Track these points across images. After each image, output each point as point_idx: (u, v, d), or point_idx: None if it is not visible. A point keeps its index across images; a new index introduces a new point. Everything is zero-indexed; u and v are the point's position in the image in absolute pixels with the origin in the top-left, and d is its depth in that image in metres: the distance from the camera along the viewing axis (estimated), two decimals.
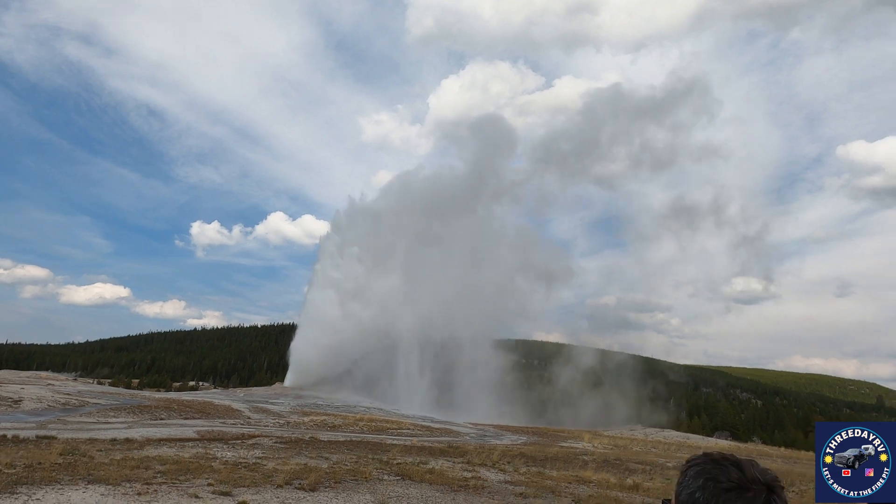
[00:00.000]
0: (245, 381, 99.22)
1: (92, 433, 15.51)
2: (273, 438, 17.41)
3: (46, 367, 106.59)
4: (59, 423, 18.31)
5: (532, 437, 32.90)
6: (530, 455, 19.16)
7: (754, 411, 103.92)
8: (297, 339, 67.64)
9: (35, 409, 22.23)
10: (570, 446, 26.78)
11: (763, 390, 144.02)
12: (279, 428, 23.48)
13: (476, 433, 32.20)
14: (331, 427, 26.02)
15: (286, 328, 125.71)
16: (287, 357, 69.11)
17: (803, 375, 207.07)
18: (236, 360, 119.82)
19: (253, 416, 28.40)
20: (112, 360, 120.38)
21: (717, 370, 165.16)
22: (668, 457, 23.95)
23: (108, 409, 24.37)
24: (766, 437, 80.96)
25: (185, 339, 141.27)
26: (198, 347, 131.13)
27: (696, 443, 38.88)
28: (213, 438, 16.33)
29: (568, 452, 22.01)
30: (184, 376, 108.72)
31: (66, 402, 24.71)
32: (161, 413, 25.23)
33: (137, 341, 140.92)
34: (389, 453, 15.61)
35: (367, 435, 23.37)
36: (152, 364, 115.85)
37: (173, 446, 13.74)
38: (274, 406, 35.88)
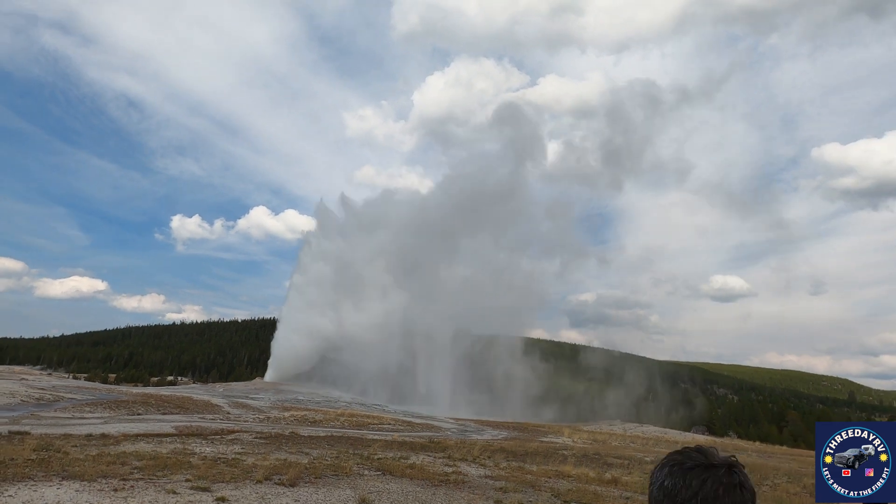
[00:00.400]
0: (225, 377, 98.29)
1: (67, 429, 15.25)
2: (253, 434, 17.28)
3: (20, 361, 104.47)
4: (32, 419, 17.96)
5: (512, 432, 33.10)
6: (511, 450, 19.28)
7: (731, 407, 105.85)
8: (278, 334, 67.18)
9: (7, 404, 21.78)
10: (551, 441, 27.00)
11: (739, 386, 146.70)
12: (259, 423, 23.30)
13: (457, 428, 32.30)
14: (311, 422, 25.90)
15: (267, 323, 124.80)
16: (268, 352, 68.66)
17: (778, 371, 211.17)
18: (216, 355, 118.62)
19: (232, 412, 28.15)
20: (89, 354, 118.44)
21: (695, 366, 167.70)
22: (646, 451, 24.28)
23: (84, 404, 23.97)
24: (742, 431, 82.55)
25: (164, 333, 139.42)
26: (177, 342, 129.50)
27: (673, 437, 39.45)
28: (192, 434, 16.15)
29: (548, 447, 22.19)
30: (162, 371, 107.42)
31: (40, 397, 24.25)
32: (138, 408, 24.88)
33: (115, 335, 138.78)
34: (370, 448, 15.60)
35: (348, 430, 23.31)
36: (130, 359, 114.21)
37: (151, 442, 13.57)
38: (254, 401, 35.60)
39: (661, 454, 22.93)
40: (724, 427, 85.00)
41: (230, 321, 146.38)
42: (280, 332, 67.13)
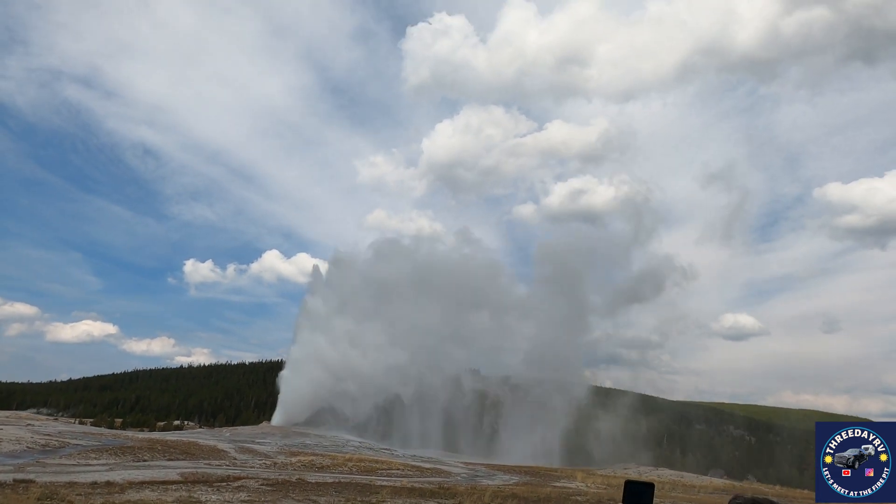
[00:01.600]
0: (231, 420, 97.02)
1: (72, 476, 15.06)
2: (259, 480, 16.98)
3: (27, 405, 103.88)
4: (37, 466, 17.78)
5: (524, 476, 32.29)
6: (522, 496, 18.79)
7: (748, 448, 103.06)
8: (286, 377, 66.65)
9: (13, 450, 21.59)
10: (563, 486, 26.29)
11: (756, 426, 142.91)
12: (266, 469, 22.91)
13: (467, 473, 31.58)
14: (319, 468, 25.43)
15: (274, 365, 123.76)
16: (275, 395, 67.96)
17: (795, 411, 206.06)
18: (223, 399, 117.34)
19: (239, 457, 27.72)
20: (95, 398, 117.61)
21: (710, 406, 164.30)
22: (662, 496, 23.57)
23: (89, 450, 23.72)
24: (761, 474, 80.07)
25: (171, 376, 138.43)
26: (184, 385, 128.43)
27: (690, 481, 38.27)
28: (198, 481, 15.90)
29: (561, 493, 21.61)
30: (168, 415, 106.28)
31: (45, 443, 24.03)
32: (144, 454, 24.57)
33: (122, 379, 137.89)
34: (379, 495, 15.27)
35: (356, 476, 22.86)
36: (136, 403, 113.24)
37: (156, 489, 13.35)
38: (261, 446, 35.07)
39: (678, 500, 22.22)
40: (743, 470, 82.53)
41: (237, 364, 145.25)
42: (287, 376, 66.65)
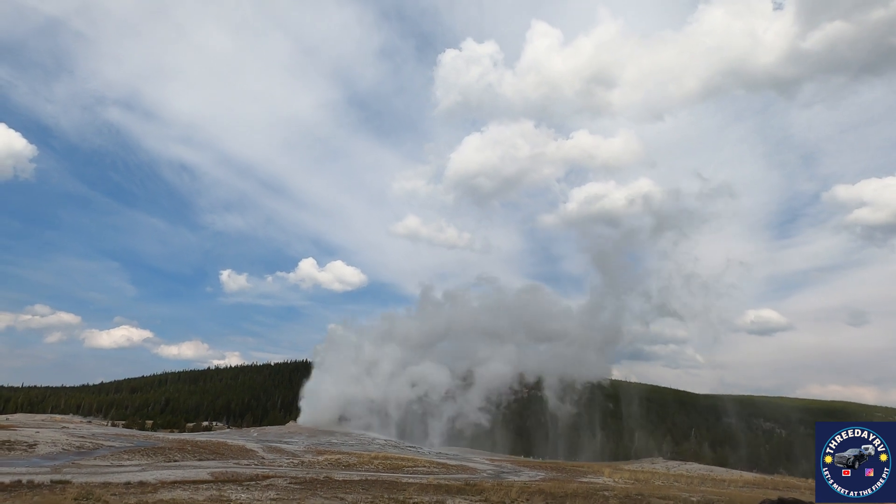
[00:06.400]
0: (259, 420, 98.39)
1: (106, 477, 15.41)
2: (287, 479, 17.19)
3: (62, 409, 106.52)
4: (73, 467, 18.23)
5: (550, 472, 32.17)
6: (549, 492, 18.72)
7: (778, 442, 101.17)
8: (312, 378, 67.37)
9: (50, 452, 22.18)
10: (590, 482, 26.13)
11: (786, 419, 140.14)
12: (293, 468, 23.18)
13: (493, 470, 31.56)
14: (345, 466, 25.65)
15: (300, 365, 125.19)
16: (301, 395, 68.78)
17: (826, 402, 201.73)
18: (250, 399, 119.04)
19: (267, 456, 28.09)
20: (127, 401, 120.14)
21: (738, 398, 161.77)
22: (692, 491, 23.28)
23: (122, 451, 24.26)
24: (792, 468, 78.51)
25: (200, 378, 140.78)
26: (212, 387, 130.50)
27: (720, 476, 37.71)
28: (227, 480, 16.16)
29: (588, 488, 21.47)
30: (197, 416, 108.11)
31: (80, 445, 24.64)
32: (175, 455, 25.05)
33: (152, 382, 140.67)
34: (405, 492, 15.34)
35: (383, 473, 23.00)
36: (166, 405, 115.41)
37: (187, 489, 13.60)
38: (288, 445, 35.49)
39: (707, 494, 21.91)
40: (774, 464, 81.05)
41: (263, 364, 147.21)
42: (314, 376, 67.41)
